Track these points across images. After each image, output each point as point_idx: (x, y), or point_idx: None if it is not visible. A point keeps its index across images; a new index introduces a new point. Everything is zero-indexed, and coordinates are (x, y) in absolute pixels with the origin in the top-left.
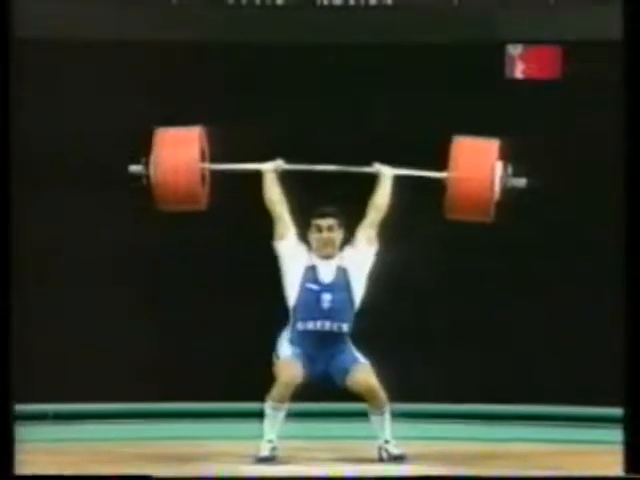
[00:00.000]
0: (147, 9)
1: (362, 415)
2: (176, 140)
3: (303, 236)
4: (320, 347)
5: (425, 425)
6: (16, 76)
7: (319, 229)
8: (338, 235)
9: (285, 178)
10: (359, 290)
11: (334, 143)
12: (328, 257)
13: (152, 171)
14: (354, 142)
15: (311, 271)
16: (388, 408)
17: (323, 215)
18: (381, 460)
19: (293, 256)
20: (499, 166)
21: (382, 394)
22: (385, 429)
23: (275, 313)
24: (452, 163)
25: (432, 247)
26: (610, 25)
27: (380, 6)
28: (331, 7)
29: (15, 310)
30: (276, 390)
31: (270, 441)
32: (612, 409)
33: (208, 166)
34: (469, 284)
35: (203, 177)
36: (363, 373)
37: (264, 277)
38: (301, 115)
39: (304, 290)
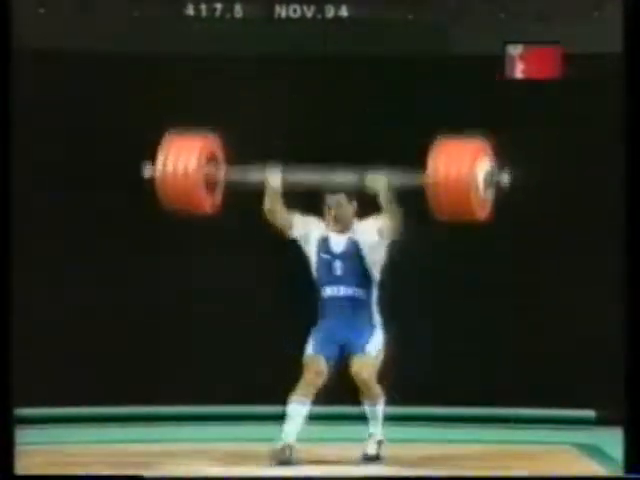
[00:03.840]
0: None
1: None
2: (180, 146)
3: (307, 212)
4: (343, 315)
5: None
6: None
7: (328, 206)
8: (347, 210)
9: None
10: (376, 260)
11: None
12: (341, 232)
13: (156, 175)
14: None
15: (323, 242)
16: (381, 402)
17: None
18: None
19: (307, 234)
20: (482, 165)
21: (376, 389)
22: (374, 424)
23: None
24: (430, 167)
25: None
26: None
27: (337, 18)
28: (289, 19)
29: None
30: (300, 386)
31: (290, 444)
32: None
33: (212, 173)
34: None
35: (210, 183)
36: (360, 364)
37: None
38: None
39: (319, 259)
